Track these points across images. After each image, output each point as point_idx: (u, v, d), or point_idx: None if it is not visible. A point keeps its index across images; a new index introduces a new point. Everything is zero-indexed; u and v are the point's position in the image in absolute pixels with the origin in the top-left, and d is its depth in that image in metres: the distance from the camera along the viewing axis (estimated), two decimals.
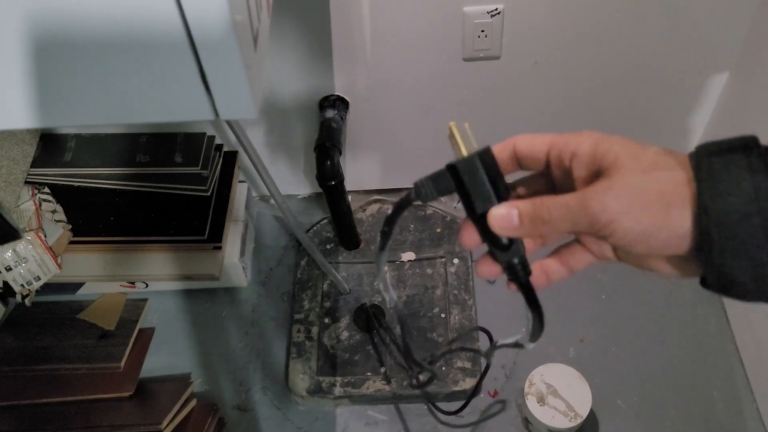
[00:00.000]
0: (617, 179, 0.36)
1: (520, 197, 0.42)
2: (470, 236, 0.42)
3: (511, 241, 0.41)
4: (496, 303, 1.12)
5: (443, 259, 1.15)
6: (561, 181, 0.41)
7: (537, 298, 0.44)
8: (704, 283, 0.37)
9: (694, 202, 0.35)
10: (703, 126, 1.11)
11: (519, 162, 0.41)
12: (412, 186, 0.43)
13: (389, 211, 0.44)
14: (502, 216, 0.39)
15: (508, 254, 0.41)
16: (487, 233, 0.41)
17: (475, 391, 1.01)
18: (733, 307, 1.06)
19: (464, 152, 0.40)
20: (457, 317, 1.07)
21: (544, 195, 0.39)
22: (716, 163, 0.35)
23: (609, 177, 0.36)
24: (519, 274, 0.42)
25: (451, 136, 0.41)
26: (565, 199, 0.37)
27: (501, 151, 0.42)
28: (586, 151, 0.38)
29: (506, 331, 1.07)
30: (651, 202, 0.36)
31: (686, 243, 0.36)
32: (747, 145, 0.36)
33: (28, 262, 0.99)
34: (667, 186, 0.36)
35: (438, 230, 1.19)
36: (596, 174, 0.38)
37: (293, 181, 1.23)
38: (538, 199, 0.39)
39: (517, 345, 0.49)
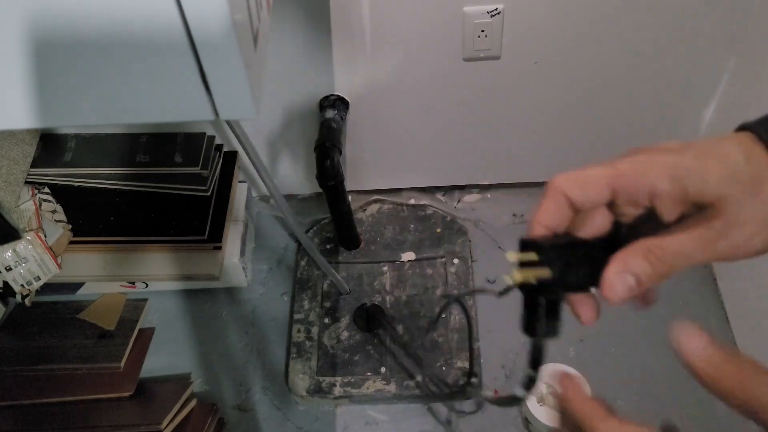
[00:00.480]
0: (732, 213, 0.33)
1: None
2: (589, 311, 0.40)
3: None
4: (496, 303, 1.11)
5: (443, 259, 1.15)
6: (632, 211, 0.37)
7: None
8: None
9: None
10: (704, 126, 1.11)
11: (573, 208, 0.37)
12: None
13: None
14: (619, 282, 0.36)
15: None
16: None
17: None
18: (733, 307, 1.06)
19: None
20: (457, 317, 1.07)
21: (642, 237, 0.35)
22: None
23: (720, 210, 0.34)
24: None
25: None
26: (681, 243, 0.34)
27: (554, 208, 0.38)
28: (670, 192, 0.34)
29: (506, 332, 1.07)
30: None
31: None
32: None
33: (28, 262, 0.99)
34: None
35: (438, 230, 1.19)
36: (692, 206, 0.35)
37: (293, 181, 1.23)
38: (648, 251, 0.35)
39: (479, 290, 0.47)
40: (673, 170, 0.34)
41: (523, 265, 0.36)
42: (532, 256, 0.36)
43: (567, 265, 0.36)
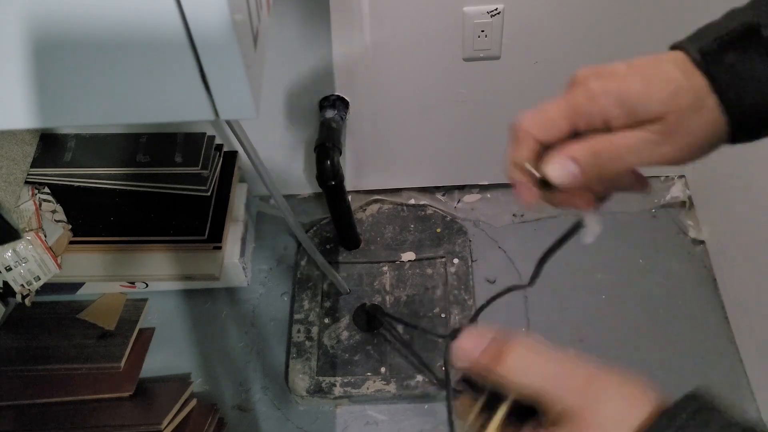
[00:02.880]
0: (676, 121, 0.36)
1: None
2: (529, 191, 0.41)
3: None
4: (496, 303, 1.11)
5: (443, 259, 1.15)
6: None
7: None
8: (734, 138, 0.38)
9: (717, 100, 0.36)
10: None
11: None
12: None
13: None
14: (561, 166, 0.38)
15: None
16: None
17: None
18: (733, 307, 1.06)
19: None
20: (457, 317, 1.07)
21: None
22: (730, 58, 0.36)
23: (667, 120, 0.36)
24: None
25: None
26: (628, 141, 0.37)
27: (525, 148, 0.39)
28: (619, 113, 0.37)
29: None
30: (709, 131, 0.37)
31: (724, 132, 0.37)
32: (750, 28, 0.37)
33: (28, 262, 0.99)
34: (716, 113, 0.36)
35: (438, 230, 1.19)
36: (640, 122, 0.37)
37: (293, 181, 1.23)
38: (595, 143, 0.38)
39: (514, 288, 0.47)
40: (621, 96, 0.37)
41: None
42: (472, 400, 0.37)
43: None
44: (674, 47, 0.39)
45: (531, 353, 0.34)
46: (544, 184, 0.40)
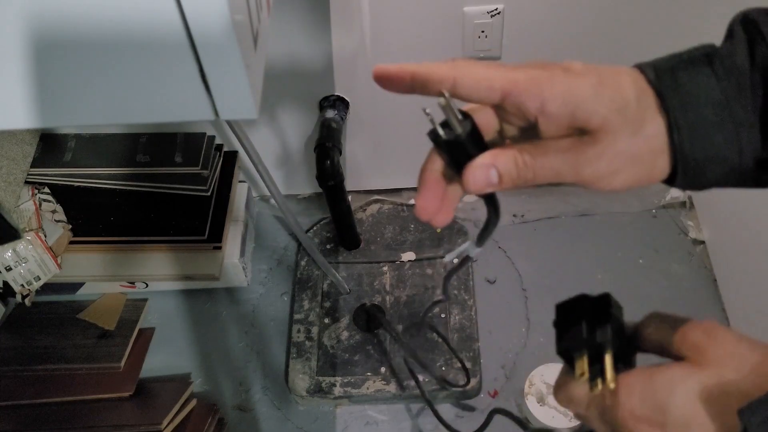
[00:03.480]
0: (608, 144, 0.34)
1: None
2: (430, 198, 0.40)
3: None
4: (496, 303, 1.12)
5: (443, 259, 1.15)
6: (513, 120, 0.38)
7: (496, 199, 0.41)
8: (671, 182, 0.37)
9: (665, 119, 0.35)
10: None
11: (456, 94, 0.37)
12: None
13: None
14: (482, 173, 0.36)
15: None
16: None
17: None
18: (733, 307, 1.06)
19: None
20: (457, 317, 1.07)
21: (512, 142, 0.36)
22: (682, 79, 0.35)
23: (597, 139, 0.34)
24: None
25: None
26: (552, 159, 0.35)
27: (434, 78, 0.37)
28: (559, 113, 0.34)
29: (506, 332, 1.08)
30: (642, 160, 0.35)
31: (665, 173, 0.36)
32: (707, 54, 0.35)
33: (28, 262, 0.99)
34: (655, 142, 0.35)
35: (438, 230, 1.19)
36: (574, 130, 0.35)
37: (293, 181, 1.23)
38: (520, 157, 0.35)
39: (466, 259, 0.47)
40: (567, 94, 0.34)
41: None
42: (583, 357, 0.37)
43: (615, 338, 0.37)
44: (638, 66, 0.38)
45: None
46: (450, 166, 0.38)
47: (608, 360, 0.35)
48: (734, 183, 0.36)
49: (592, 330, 0.37)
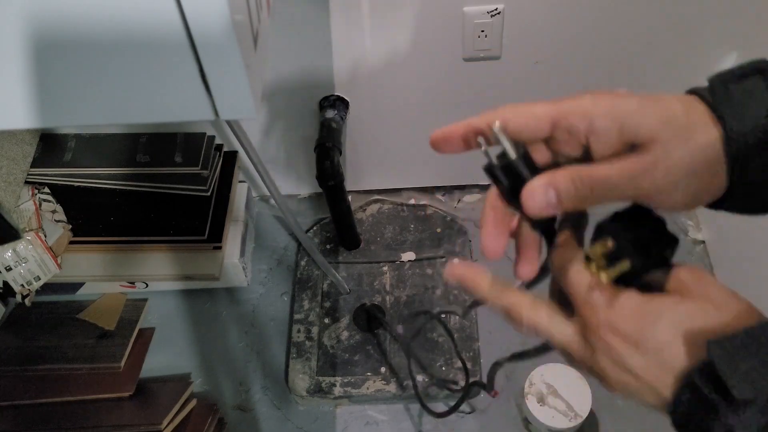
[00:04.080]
0: (661, 154, 0.34)
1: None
2: (495, 240, 0.41)
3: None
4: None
5: (443, 259, 1.15)
6: (568, 149, 0.38)
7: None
8: (725, 206, 0.37)
9: (719, 129, 0.34)
10: None
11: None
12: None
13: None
14: (539, 195, 0.36)
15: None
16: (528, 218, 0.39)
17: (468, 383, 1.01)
18: None
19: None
20: (457, 317, 1.07)
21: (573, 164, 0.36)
22: (735, 90, 0.34)
23: (650, 150, 0.34)
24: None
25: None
26: (608, 173, 0.35)
27: (484, 127, 0.37)
28: (607, 128, 0.35)
29: (506, 332, 1.07)
30: (698, 172, 0.35)
31: (723, 186, 0.36)
32: (761, 68, 0.35)
33: (28, 262, 0.99)
34: (710, 152, 0.34)
35: (438, 230, 1.19)
36: (625, 146, 0.35)
37: (293, 181, 1.23)
38: (576, 174, 0.35)
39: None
40: (613, 110, 0.35)
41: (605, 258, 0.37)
42: (607, 244, 0.36)
43: (640, 252, 0.36)
44: (689, 92, 0.38)
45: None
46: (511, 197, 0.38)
47: (623, 264, 0.36)
48: None
49: (635, 234, 0.37)
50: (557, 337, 0.38)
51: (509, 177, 0.37)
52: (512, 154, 0.37)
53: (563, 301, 0.39)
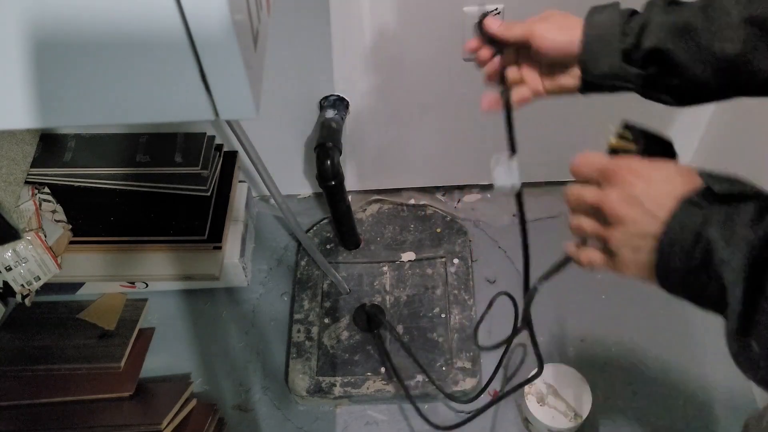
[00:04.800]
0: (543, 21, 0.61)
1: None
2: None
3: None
4: (496, 303, 1.11)
5: (443, 259, 1.15)
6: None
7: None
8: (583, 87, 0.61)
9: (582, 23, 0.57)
10: (705, 122, 1.11)
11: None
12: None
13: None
14: (493, 23, 0.65)
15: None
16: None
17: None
18: None
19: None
20: (457, 317, 1.07)
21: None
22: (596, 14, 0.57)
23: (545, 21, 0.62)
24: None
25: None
26: (519, 29, 0.63)
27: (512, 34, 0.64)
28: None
29: (506, 332, 1.07)
30: (567, 29, 0.59)
31: (577, 45, 0.57)
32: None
33: (28, 262, 0.99)
34: (576, 26, 0.58)
35: (438, 230, 1.19)
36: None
37: (293, 181, 1.23)
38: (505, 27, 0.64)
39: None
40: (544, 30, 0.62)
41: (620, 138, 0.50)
42: (627, 134, 0.50)
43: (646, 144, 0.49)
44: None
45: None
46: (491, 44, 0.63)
47: (640, 129, 0.49)
48: (613, 71, 0.58)
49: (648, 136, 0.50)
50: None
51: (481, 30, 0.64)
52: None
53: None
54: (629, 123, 0.50)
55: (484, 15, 0.64)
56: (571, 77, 0.61)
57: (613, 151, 0.50)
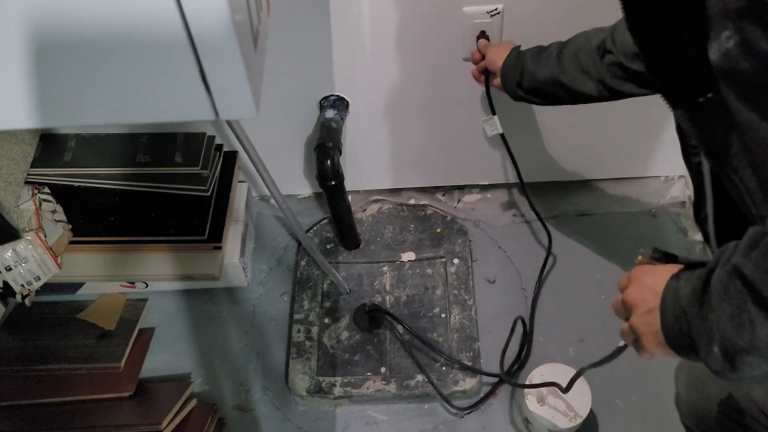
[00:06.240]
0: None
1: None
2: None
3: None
4: (496, 303, 1.12)
5: (443, 259, 1.15)
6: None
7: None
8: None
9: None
10: None
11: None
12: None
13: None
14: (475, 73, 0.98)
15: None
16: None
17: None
18: None
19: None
20: (457, 317, 1.07)
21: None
22: (526, 57, 0.88)
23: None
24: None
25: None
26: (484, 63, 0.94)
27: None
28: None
29: (506, 332, 1.07)
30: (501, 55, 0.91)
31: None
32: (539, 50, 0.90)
33: (28, 262, 0.99)
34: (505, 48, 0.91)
35: (438, 230, 1.19)
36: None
37: (293, 181, 1.23)
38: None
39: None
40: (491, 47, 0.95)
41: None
42: (656, 254, 0.64)
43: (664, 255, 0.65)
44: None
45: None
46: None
47: (664, 251, 0.64)
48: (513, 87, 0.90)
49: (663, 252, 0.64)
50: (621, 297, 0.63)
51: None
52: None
53: None
54: (657, 248, 0.64)
55: (483, 33, 0.95)
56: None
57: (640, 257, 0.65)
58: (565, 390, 0.85)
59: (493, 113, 1.00)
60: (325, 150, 1.00)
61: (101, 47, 0.38)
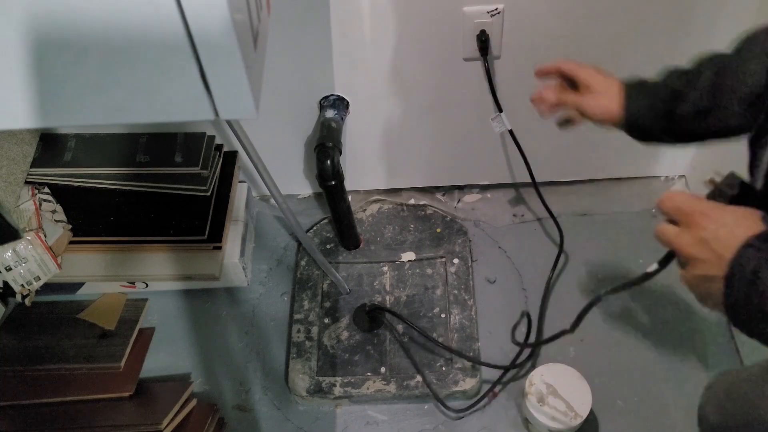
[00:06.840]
0: (595, 92, 0.74)
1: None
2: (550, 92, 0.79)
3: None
4: (496, 303, 1.12)
5: (443, 259, 1.15)
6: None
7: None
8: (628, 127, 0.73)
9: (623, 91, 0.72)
10: None
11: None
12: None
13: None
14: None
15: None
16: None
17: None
18: None
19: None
20: (457, 317, 1.07)
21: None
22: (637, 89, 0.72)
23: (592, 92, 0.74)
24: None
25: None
26: (575, 98, 0.76)
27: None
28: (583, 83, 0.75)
29: (506, 332, 1.07)
30: (608, 97, 0.72)
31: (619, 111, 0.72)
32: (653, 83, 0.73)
33: (28, 262, 0.99)
34: (615, 87, 0.73)
35: (438, 230, 1.19)
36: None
37: (293, 181, 1.23)
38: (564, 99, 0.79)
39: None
40: (589, 77, 0.76)
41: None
42: (731, 180, 0.55)
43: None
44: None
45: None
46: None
47: (741, 180, 0.55)
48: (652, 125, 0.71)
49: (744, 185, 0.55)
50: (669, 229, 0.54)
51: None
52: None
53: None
54: (734, 173, 0.56)
55: (483, 32, 0.93)
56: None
57: (711, 193, 0.55)
58: (571, 329, 0.76)
59: (500, 111, 1.01)
60: (325, 150, 1.00)
61: (101, 47, 0.38)
